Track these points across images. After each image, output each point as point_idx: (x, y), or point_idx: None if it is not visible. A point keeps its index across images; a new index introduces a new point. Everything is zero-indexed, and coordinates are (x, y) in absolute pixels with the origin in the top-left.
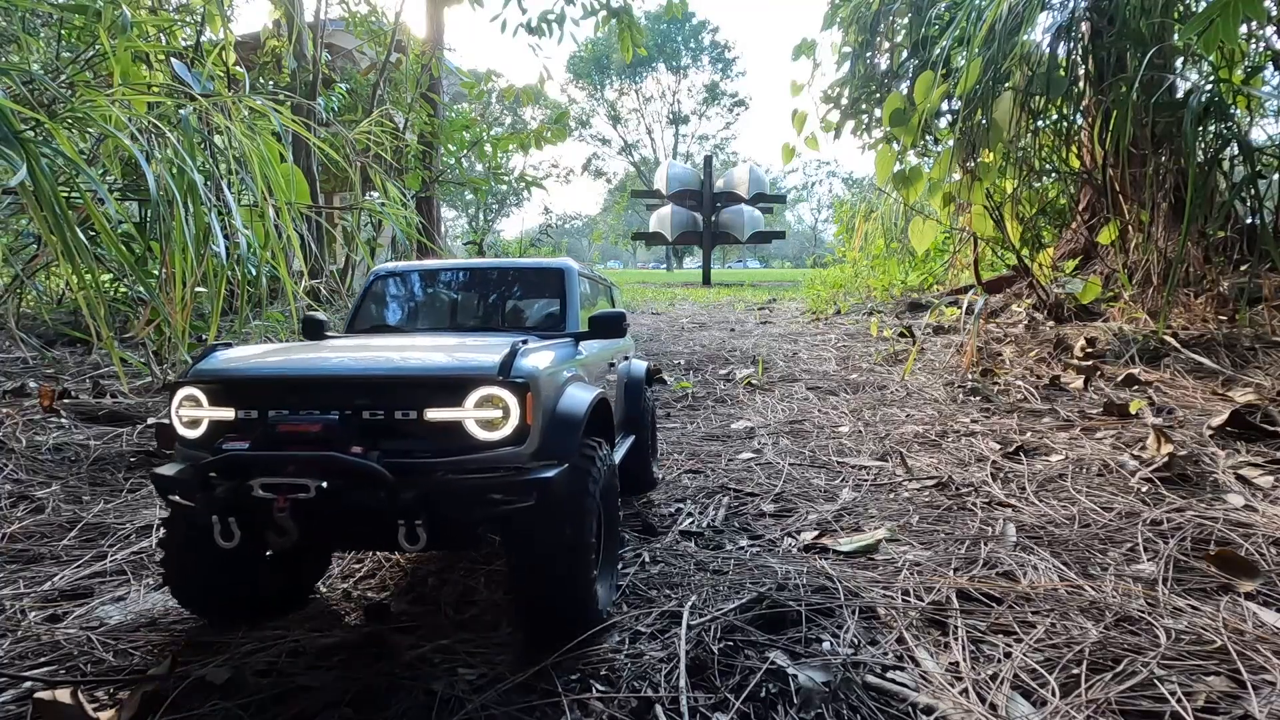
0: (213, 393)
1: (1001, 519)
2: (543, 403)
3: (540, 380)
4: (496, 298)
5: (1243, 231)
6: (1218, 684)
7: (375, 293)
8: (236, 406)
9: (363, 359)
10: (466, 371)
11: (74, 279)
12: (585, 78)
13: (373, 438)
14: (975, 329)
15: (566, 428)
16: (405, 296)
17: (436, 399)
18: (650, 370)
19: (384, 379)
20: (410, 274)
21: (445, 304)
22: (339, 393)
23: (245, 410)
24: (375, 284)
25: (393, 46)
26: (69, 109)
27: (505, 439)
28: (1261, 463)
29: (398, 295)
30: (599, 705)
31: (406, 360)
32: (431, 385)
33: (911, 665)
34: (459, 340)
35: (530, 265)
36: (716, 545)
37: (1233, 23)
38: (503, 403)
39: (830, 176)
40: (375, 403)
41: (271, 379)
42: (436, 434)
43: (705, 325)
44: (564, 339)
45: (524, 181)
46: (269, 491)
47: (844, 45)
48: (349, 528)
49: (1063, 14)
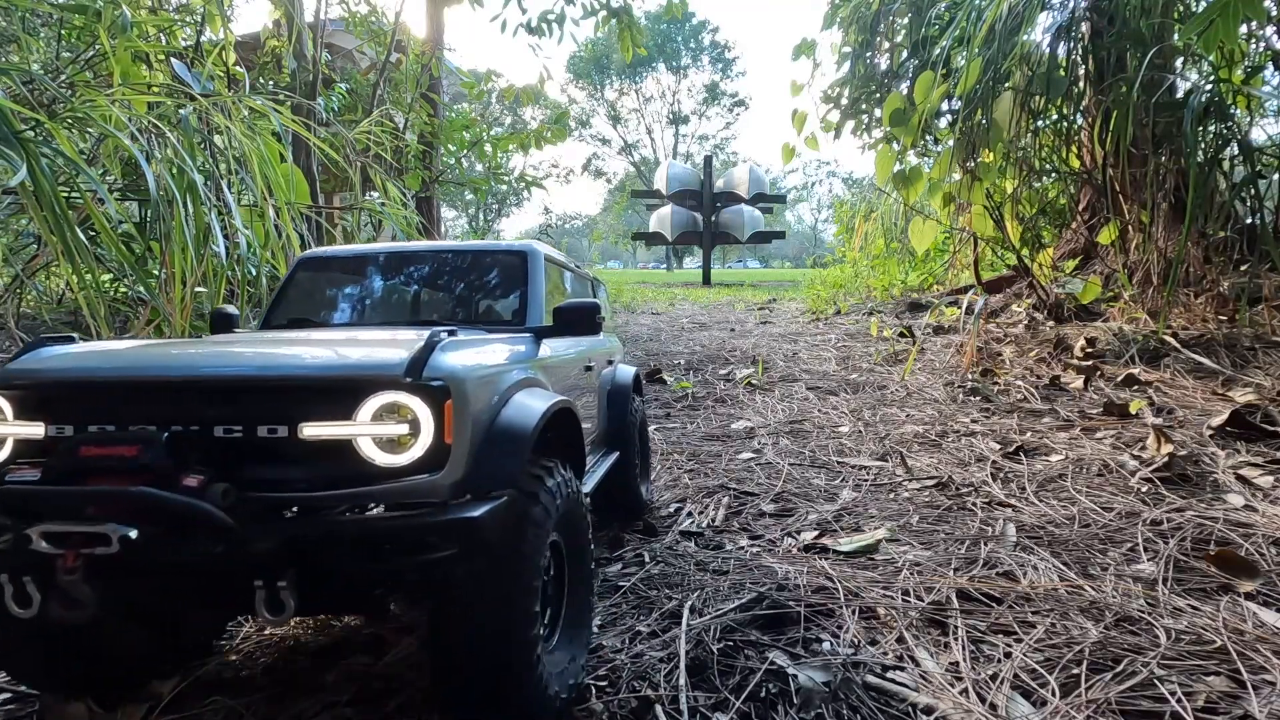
0: (20, 401)
1: (1001, 519)
2: (472, 414)
3: (468, 384)
4: (446, 287)
5: (1243, 231)
6: (1218, 684)
7: (300, 281)
8: (48, 420)
9: (225, 356)
10: (360, 372)
11: (74, 279)
12: (585, 78)
13: (224, 463)
14: (975, 329)
15: (506, 447)
16: (336, 286)
17: (317, 409)
18: (639, 376)
19: (243, 382)
20: (344, 259)
21: (384, 294)
22: (181, 401)
23: (59, 425)
24: (300, 271)
25: (393, 46)
26: (69, 109)
27: (414, 464)
28: (1261, 463)
29: (327, 284)
30: (599, 705)
31: (278, 357)
32: (310, 390)
33: (911, 665)
34: (374, 334)
35: (487, 249)
36: (716, 545)
37: (1233, 23)
38: (411, 414)
39: (830, 176)
40: (231, 414)
41: (90, 382)
42: (316, 458)
43: (705, 325)
44: (519, 335)
45: (524, 181)
46: (53, 544)
47: (844, 45)
48: (179, 593)
49: (1063, 14)
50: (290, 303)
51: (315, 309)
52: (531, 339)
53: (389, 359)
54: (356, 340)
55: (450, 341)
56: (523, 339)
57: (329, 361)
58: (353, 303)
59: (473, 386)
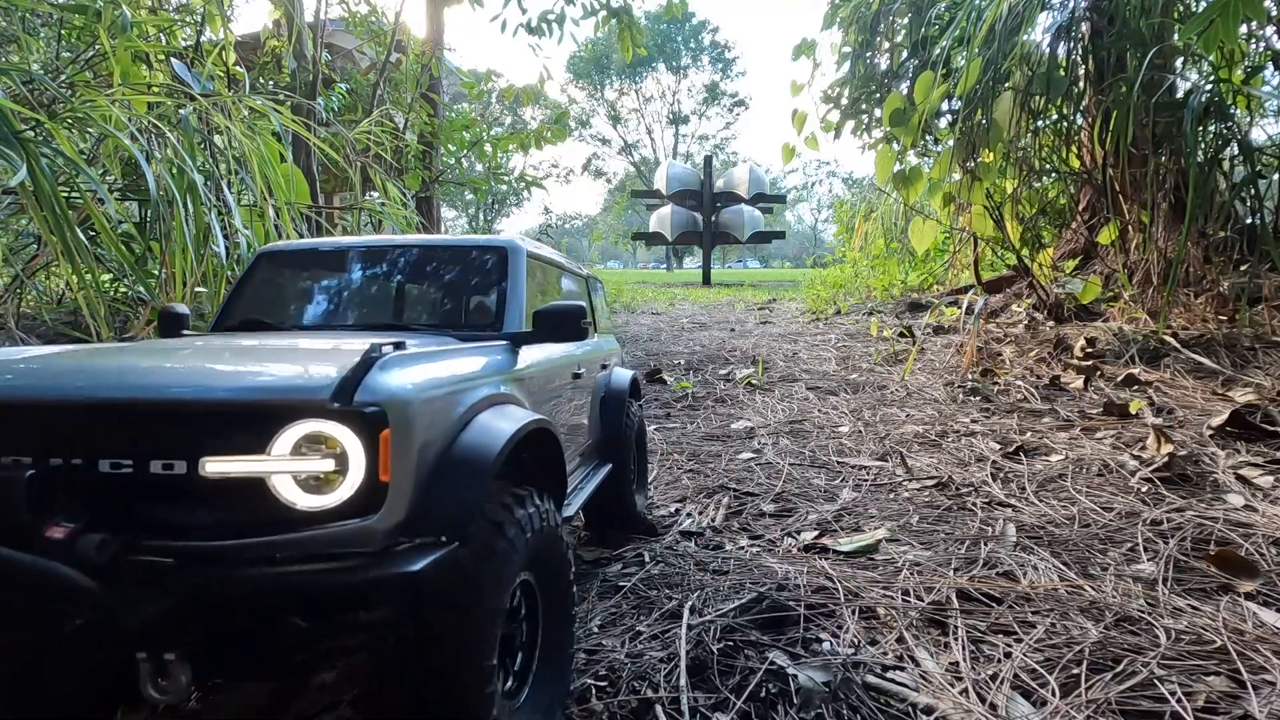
0: None
1: (1001, 519)
2: (417, 443)
3: (412, 408)
4: (416, 287)
5: (1243, 231)
6: (1218, 684)
7: (258, 278)
8: None
9: (119, 373)
10: (275, 395)
11: (74, 279)
12: (585, 78)
13: (108, 506)
14: (975, 329)
15: (463, 480)
16: (297, 284)
17: (223, 441)
18: (637, 380)
19: (133, 405)
20: (306, 254)
21: (347, 295)
22: (60, 428)
23: None
24: (258, 267)
25: (393, 46)
26: (69, 109)
27: (342, 506)
28: (1261, 463)
29: (287, 282)
30: (599, 705)
31: (179, 375)
32: (215, 418)
33: (911, 665)
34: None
35: (464, 244)
36: (716, 545)
37: (1233, 23)
38: (337, 446)
39: (830, 176)
40: (119, 446)
41: None
42: (222, 500)
43: (705, 325)
44: (493, 342)
45: (524, 181)
46: None
47: (844, 45)
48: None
49: (1063, 14)
50: (246, 302)
51: (271, 309)
52: (507, 347)
53: (312, 380)
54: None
55: (394, 357)
56: (497, 348)
57: (240, 382)
58: (312, 304)
59: (419, 410)
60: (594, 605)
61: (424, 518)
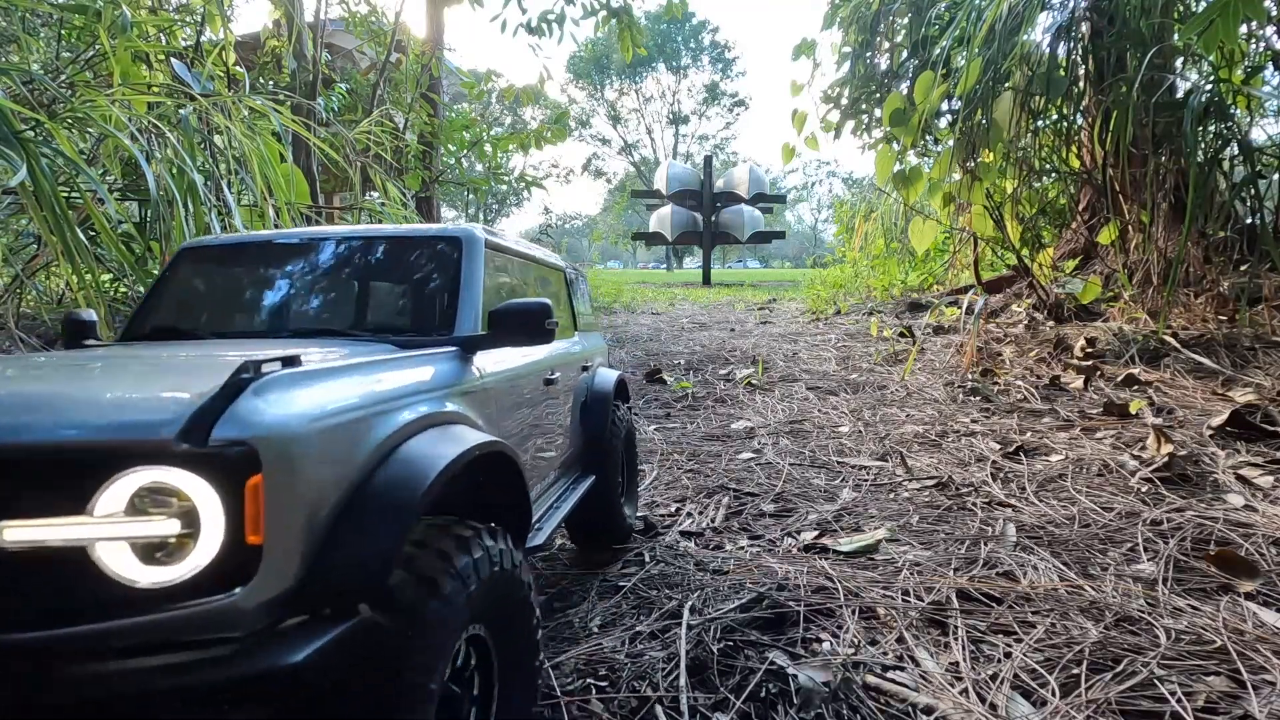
0: None
1: (1001, 519)
2: (307, 488)
3: (299, 443)
4: (358, 285)
5: (1243, 231)
6: (1218, 684)
7: (178, 277)
8: None
9: None
10: (99, 436)
11: (74, 279)
12: (585, 78)
13: None
14: (975, 329)
15: (377, 529)
16: (220, 283)
17: (29, 498)
18: (624, 381)
19: None
20: (232, 249)
21: (280, 296)
22: None
23: None
24: (180, 265)
25: (393, 46)
26: (69, 109)
27: (196, 580)
28: (1261, 463)
29: (209, 282)
30: (599, 705)
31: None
32: (16, 466)
33: (911, 665)
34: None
35: (413, 234)
36: (716, 545)
37: (1233, 23)
38: (186, 502)
39: (830, 176)
40: None
41: None
42: (30, 575)
43: (705, 325)
44: (440, 349)
45: (524, 181)
46: None
47: (844, 45)
48: None
49: (1063, 14)
50: (162, 305)
51: (190, 314)
52: (457, 354)
53: (154, 413)
54: (152, 374)
55: (276, 377)
56: (443, 355)
57: (62, 418)
58: (237, 307)
59: (309, 445)
60: (594, 605)
61: (322, 583)
